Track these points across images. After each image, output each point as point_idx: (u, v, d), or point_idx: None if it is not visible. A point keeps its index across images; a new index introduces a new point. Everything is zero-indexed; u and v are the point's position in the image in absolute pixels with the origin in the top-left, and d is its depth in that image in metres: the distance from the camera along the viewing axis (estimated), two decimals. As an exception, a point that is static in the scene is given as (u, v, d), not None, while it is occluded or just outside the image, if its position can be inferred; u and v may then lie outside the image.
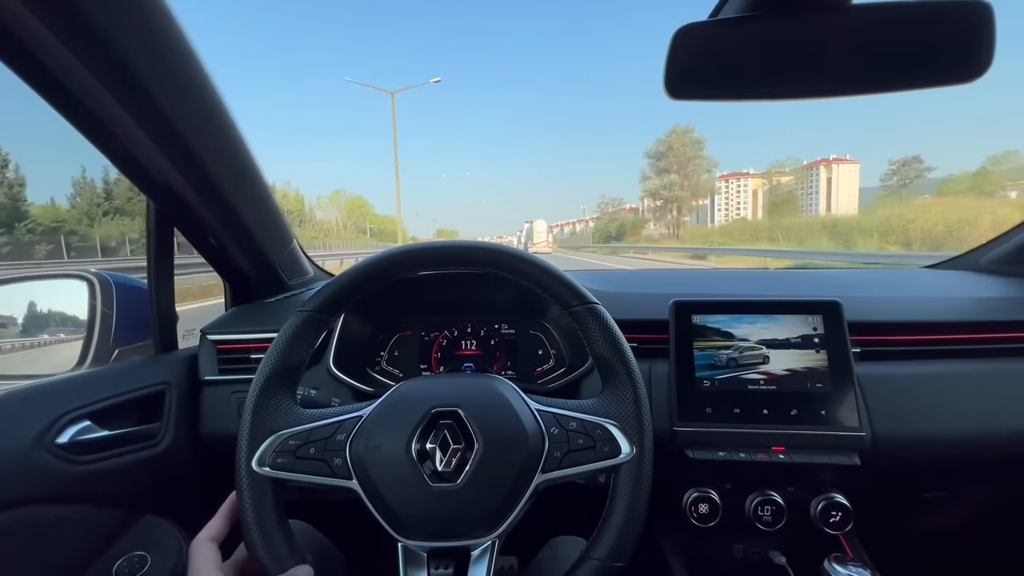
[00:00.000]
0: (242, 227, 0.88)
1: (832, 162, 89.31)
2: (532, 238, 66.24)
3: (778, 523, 0.77)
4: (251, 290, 1.05)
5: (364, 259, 0.64)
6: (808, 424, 0.76)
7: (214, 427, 0.89)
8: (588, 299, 0.61)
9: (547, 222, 76.41)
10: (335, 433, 0.56)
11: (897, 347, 0.87)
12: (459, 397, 0.57)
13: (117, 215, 25.92)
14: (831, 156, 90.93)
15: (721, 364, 0.80)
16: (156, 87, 0.61)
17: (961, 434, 0.78)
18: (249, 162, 0.82)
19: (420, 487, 0.52)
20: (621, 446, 0.55)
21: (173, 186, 0.77)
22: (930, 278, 1.17)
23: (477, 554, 0.54)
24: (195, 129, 0.70)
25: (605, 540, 0.54)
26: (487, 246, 0.64)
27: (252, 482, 0.54)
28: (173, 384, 0.86)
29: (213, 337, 0.94)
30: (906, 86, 0.59)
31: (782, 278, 1.19)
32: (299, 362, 0.61)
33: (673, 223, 64.99)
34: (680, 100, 0.62)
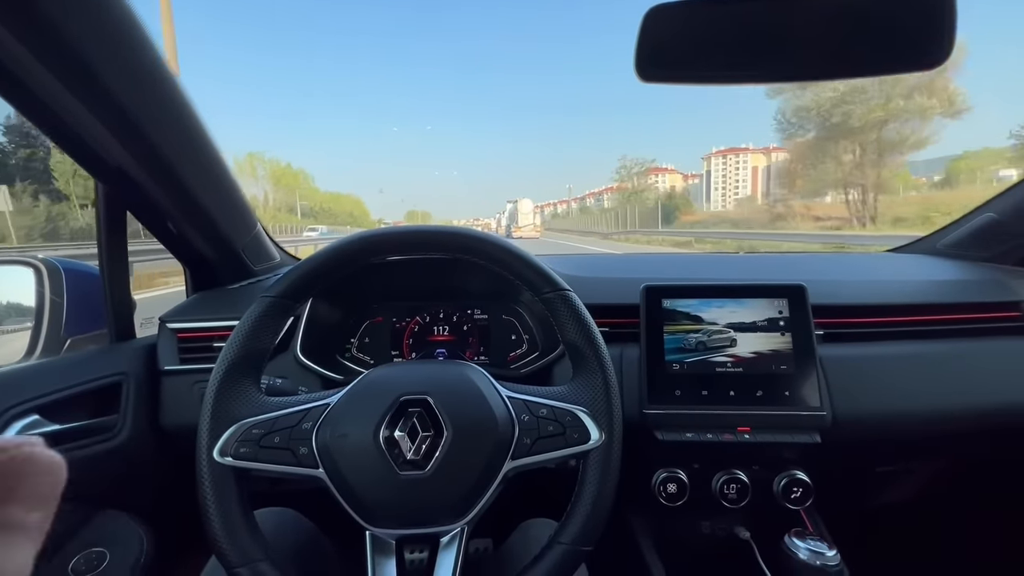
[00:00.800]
0: (201, 210, 0.84)
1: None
2: (516, 220, 51.37)
3: (743, 500, 0.80)
4: (213, 276, 1.01)
5: (330, 243, 0.62)
6: (773, 405, 0.78)
7: (176, 418, 0.86)
8: (559, 285, 0.61)
9: (533, 202, 61.26)
10: (301, 422, 0.55)
11: (857, 329, 0.90)
12: (428, 384, 0.56)
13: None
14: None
15: (690, 347, 0.81)
16: (102, 66, 0.57)
17: (916, 411, 0.82)
18: (206, 142, 0.78)
19: (388, 475, 0.52)
20: (591, 432, 0.55)
21: (123, 168, 0.72)
22: (890, 262, 1.21)
23: (446, 541, 0.54)
24: (146, 107, 0.65)
25: (573, 525, 0.54)
26: (457, 230, 0.63)
27: (213, 472, 0.53)
28: (131, 375, 0.83)
29: (173, 325, 0.90)
30: (871, 72, 0.60)
31: (750, 262, 1.21)
32: (263, 349, 0.59)
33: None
34: (651, 82, 0.61)
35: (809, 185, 30.86)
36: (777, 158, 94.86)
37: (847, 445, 0.81)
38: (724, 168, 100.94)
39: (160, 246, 0.93)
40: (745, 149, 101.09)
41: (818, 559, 0.58)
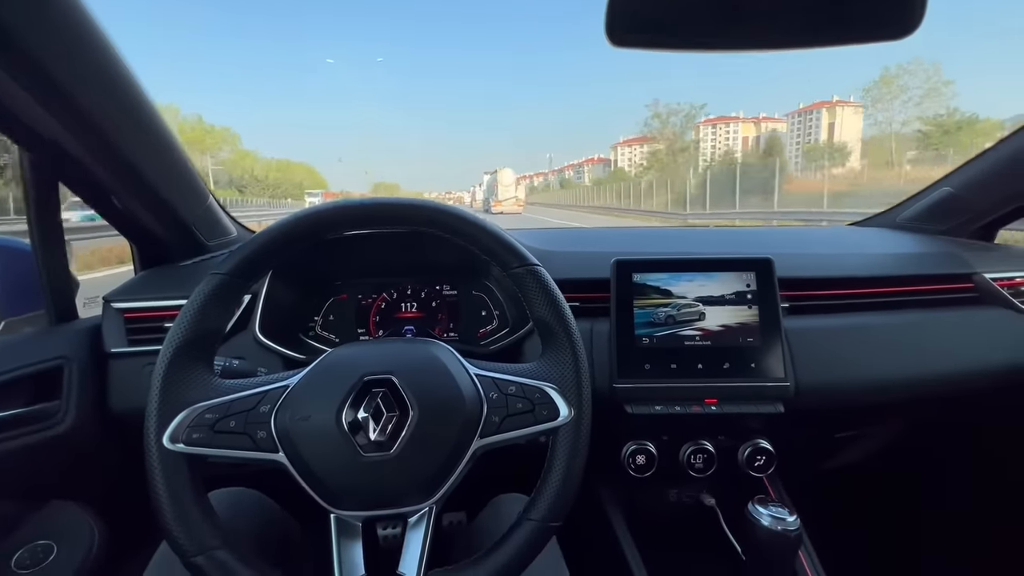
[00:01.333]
0: (144, 181, 0.78)
1: (835, 104, 75.20)
2: (495, 193, 42.67)
3: (709, 469, 0.82)
4: (164, 253, 0.95)
5: (285, 217, 0.58)
6: (739, 377, 0.79)
7: (126, 403, 0.81)
8: (528, 260, 0.59)
9: (515, 172, 50.27)
10: (258, 404, 0.52)
11: (820, 301, 0.92)
12: (393, 363, 0.54)
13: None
14: (834, 98, 76.94)
15: (660, 321, 0.81)
16: (14, 24, 0.50)
17: (874, 380, 0.85)
18: (144, 105, 0.72)
19: (352, 458, 0.50)
20: (560, 409, 0.55)
21: (51, 136, 0.66)
22: (852, 235, 1.24)
23: (414, 520, 0.53)
24: (72, 66, 0.59)
25: (542, 501, 0.54)
26: (421, 203, 0.60)
27: (164, 460, 0.50)
28: (73, 358, 0.77)
29: (119, 305, 0.84)
30: (844, 41, 0.58)
31: (718, 236, 1.22)
32: (214, 330, 0.55)
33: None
34: (622, 48, 0.59)
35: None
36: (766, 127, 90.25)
37: (808, 414, 0.83)
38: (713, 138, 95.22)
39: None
40: (736, 118, 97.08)
41: (779, 524, 0.61)
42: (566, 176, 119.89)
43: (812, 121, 78.13)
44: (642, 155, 49.70)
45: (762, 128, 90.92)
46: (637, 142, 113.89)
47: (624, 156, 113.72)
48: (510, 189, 39.77)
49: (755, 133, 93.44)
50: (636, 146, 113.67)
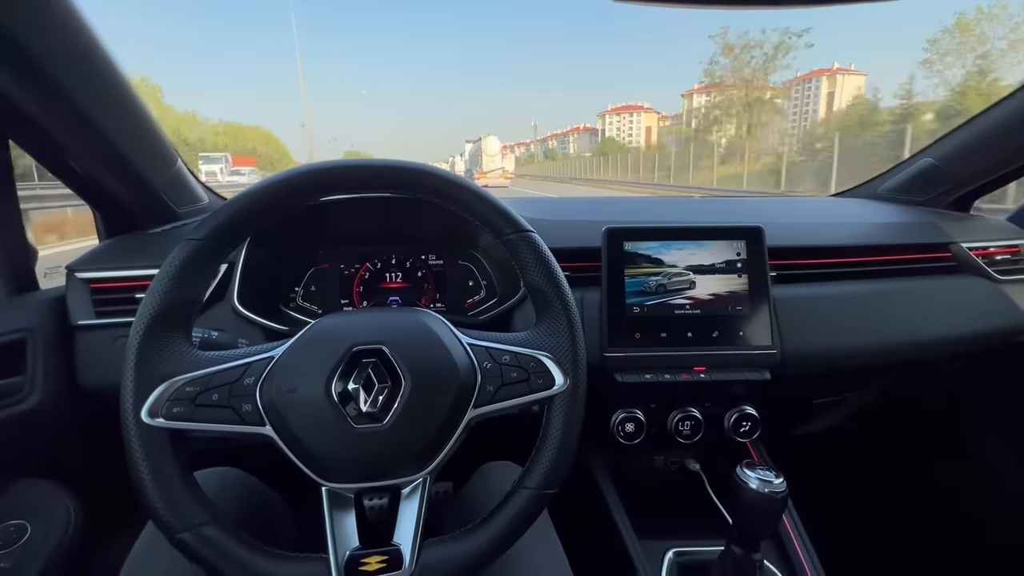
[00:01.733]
0: (106, 142, 0.73)
1: (836, 72, 69.23)
2: (479, 164, 37.02)
3: (696, 436, 0.83)
4: (130, 221, 0.90)
5: (263, 180, 0.55)
6: (727, 345, 0.80)
7: (97, 379, 0.77)
8: (522, 226, 0.57)
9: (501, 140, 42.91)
10: (242, 377, 0.50)
11: (806, 270, 0.92)
12: (383, 333, 0.52)
13: None
14: (834, 65, 70.32)
15: (650, 290, 0.81)
16: None
17: (856, 346, 0.87)
18: (104, 58, 0.66)
19: (343, 430, 0.48)
20: (555, 378, 0.54)
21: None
22: (835, 206, 1.25)
23: (408, 491, 0.52)
24: (24, 14, 0.53)
25: (538, 470, 0.54)
26: (412, 166, 0.57)
27: (143, 435, 0.47)
28: (36, 331, 0.73)
29: (84, 275, 0.79)
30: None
31: (708, 206, 1.22)
32: (191, 299, 0.52)
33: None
34: (621, 3, 0.56)
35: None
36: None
37: (792, 380, 0.85)
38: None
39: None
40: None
41: (767, 487, 0.62)
42: (550, 146, 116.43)
43: (810, 91, 72.06)
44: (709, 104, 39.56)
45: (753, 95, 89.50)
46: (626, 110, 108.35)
47: (612, 125, 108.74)
48: (495, 159, 35.22)
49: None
50: (624, 115, 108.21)
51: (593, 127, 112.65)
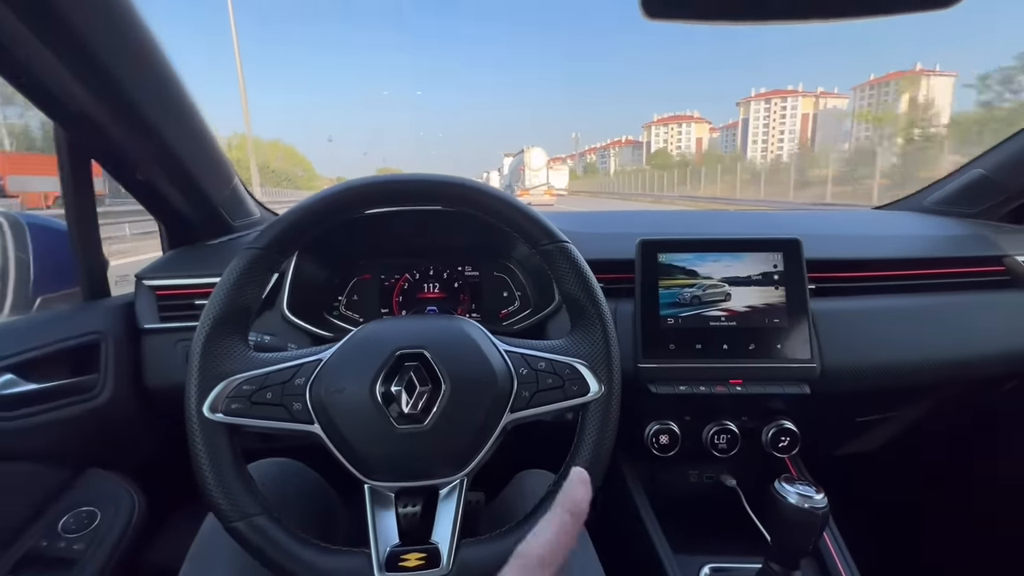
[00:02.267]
0: (175, 161, 0.79)
1: (919, 74, 60.87)
2: (521, 179, 33.87)
3: (732, 450, 0.82)
4: (191, 232, 0.97)
5: (315, 194, 0.59)
6: (764, 357, 0.79)
7: (160, 378, 0.83)
8: (559, 237, 0.59)
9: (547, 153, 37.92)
10: (293, 377, 0.53)
11: (847, 283, 0.91)
12: (425, 339, 0.55)
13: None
14: (917, 66, 62.92)
15: (685, 302, 0.81)
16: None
17: (900, 362, 0.84)
18: (176, 87, 0.73)
19: (386, 429, 0.51)
20: (590, 385, 0.55)
21: (86, 112, 0.67)
22: (879, 218, 1.22)
23: (445, 492, 0.54)
24: (109, 44, 0.59)
25: None
26: (452, 180, 0.60)
27: (204, 429, 0.51)
28: (108, 333, 0.79)
29: (151, 283, 0.86)
30: (885, 11, 0.57)
31: (743, 219, 1.21)
32: (249, 304, 0.56)
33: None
34: (656, 20, 0.58)
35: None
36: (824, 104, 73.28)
37: (833, 395, 0.83)
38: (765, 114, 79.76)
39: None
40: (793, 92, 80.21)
41: (806, 502, 0.60)
42: (589, 160, 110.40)
43: (887, 94, 64.26)
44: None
45: (820, 105, 77.14)
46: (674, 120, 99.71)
47: (659, 137, 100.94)
48: (540, 174, 31.26)
49: (814, 110, 79.60)
50: (672, 125, 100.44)
51: (636, 139, 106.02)
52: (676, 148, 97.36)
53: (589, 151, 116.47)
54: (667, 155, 76.80)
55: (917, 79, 60.99)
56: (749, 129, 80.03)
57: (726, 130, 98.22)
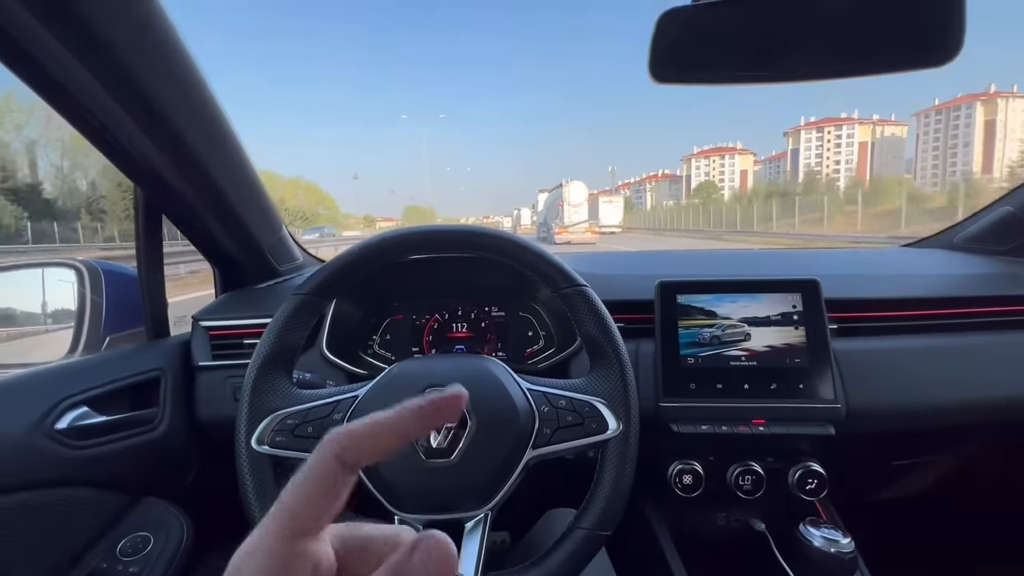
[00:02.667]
0: (231, 212, 0.88)
1: (992, 96, 55.93)
2: (561, 216, 30.80)
3: (758, 491, 0.81)
4: (241, 276, 1.06)
5: (356, 243, 0.65)
6: (787, 397, 0.79)
7: (210, 412, 0.90)
8: (577, 281, 0.63)
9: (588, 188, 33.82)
10: (332, 412, 0.58)
11: (872, 323, 0.90)
12: (452, 376, 0.59)
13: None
14: (991, 88, 57.53)
15: (705, 341, 0.83)
16: (138, 68, 0.60)
17: (931, 404, 0.83)
18: (234, 144, 0.82)
19: (415, 463, 0.55)
20: (608, 423, 0.58)
21: (159, 170, 0.76)
22: (906, 256, 1.21)
23: (471, 527, 0.56)
24: (178, 109, 0.69)
25: (592, 511, 0.57)
26: (480, 230, 0.65)
27: (251, 460, 0.56)
28: (168, 370, 0.87)
29: (205, 323, 0.94)
30: (883, 70, 0.61)
31: (764, 258, 1.22)
32: (295, 344, 0.62)
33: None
34: (664, 84, 0.63)
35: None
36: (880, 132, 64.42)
37: (862, 437, 0.82)
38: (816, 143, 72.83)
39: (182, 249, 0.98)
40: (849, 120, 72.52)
41: (832, 546, 0.60)
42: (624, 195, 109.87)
43: (957, 119, 57.43)
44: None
45: (878, 133, 71.77)
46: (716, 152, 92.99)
47: (700, 169, 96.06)
48: (580, 210, 28.94)
49: (871, 138, 73.60)
50: (714, 157, 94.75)
51: (673, 173, 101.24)
52: (719, 181, 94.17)
53: (623, 186, 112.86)
54: (713, 187, 72.13)
55: (993, 102, 56.21)
56: (800, 159, 73.71)
57: (770, 162, 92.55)
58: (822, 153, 74.41)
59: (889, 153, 59.29)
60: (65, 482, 0.71)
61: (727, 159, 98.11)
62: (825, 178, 64.58)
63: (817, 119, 74.55)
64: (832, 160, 72.75)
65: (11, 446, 0.66)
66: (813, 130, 75.71)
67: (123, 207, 19.91)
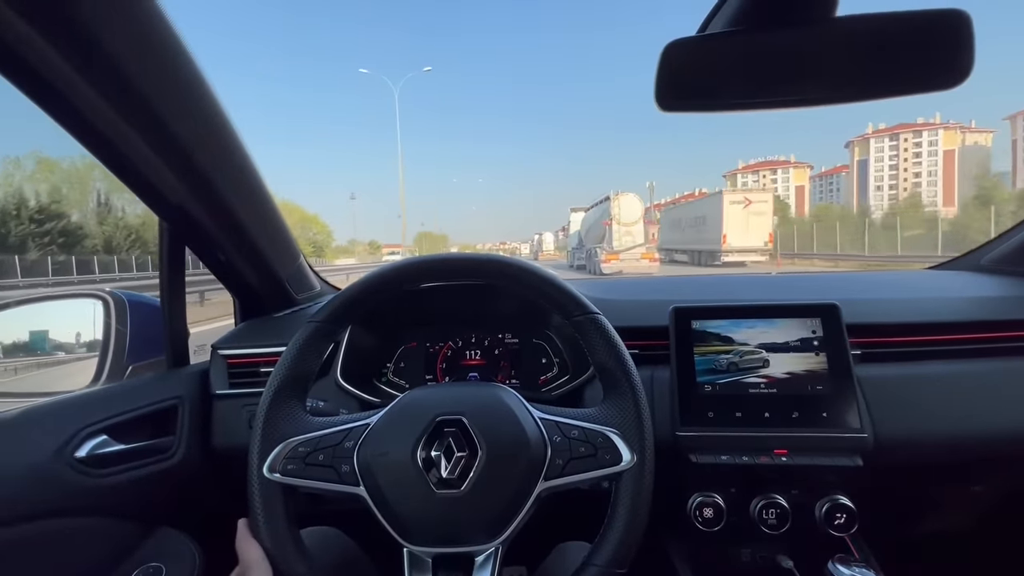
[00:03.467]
0: (251, 243, 0.91)
1: None
2: (608, 238, 20.42)
3: (783, 526, 0.78)
4: (260, 305, 1.08)
5: (370, 272, 0.66)
6: (809, 426, 0.77)
7: (226, 440, 0.91)
8: (589, 309, 0.63)
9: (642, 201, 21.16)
10: (343, 440, 0.58)
11: (898, 348, 0.87)
12: (463, 405, 0.58)
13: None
14: None
15: (722, 368, 0.81)
16: (164, 106, 0.63)
17: (966, 434, 0.79)
18: (255, 178, 0.85)
19: (425, 493, 0.54)
20: (622, 454, 0.56)
21: (183, 204, 0.79)
22: (931, 279, 1.18)
23: (481, 560, 0.55)
24: (206, 149, 0.72)
25: (607, 547, 0.55)
26: (491, 257, 0.66)
27: (263, 488, 0.56)
28: (186, 398, 0.88)
29: (224, 352, 0.96)
30: (891, 93, 0.61)
31: (781, 282, 1.20)
32: (309, 372, 0.63)
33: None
34: (671, 112, 0.64)
35: None
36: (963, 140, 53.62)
37: (892, 469, 0.78)
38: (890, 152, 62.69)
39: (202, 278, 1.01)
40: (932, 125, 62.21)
41: None
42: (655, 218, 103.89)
43: None
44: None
45: (963, 140, 63.17)
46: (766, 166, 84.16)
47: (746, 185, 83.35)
48: (636, 231, 20.94)
49: (957, 146, 65.19)
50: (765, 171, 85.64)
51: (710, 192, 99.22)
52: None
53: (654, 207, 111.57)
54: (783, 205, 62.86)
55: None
56: (870, 172, 64.53)
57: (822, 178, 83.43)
58: (898, 164, 64.75)
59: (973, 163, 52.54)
60: (82, 511, 0.71)
61: (780, 173, 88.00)
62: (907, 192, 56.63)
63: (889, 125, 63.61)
64: (912, 172, 63.73)
65: (33, 474, 0.67)
66: (886, 138, 65.56)
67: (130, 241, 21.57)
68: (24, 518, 0.66)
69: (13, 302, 1.05)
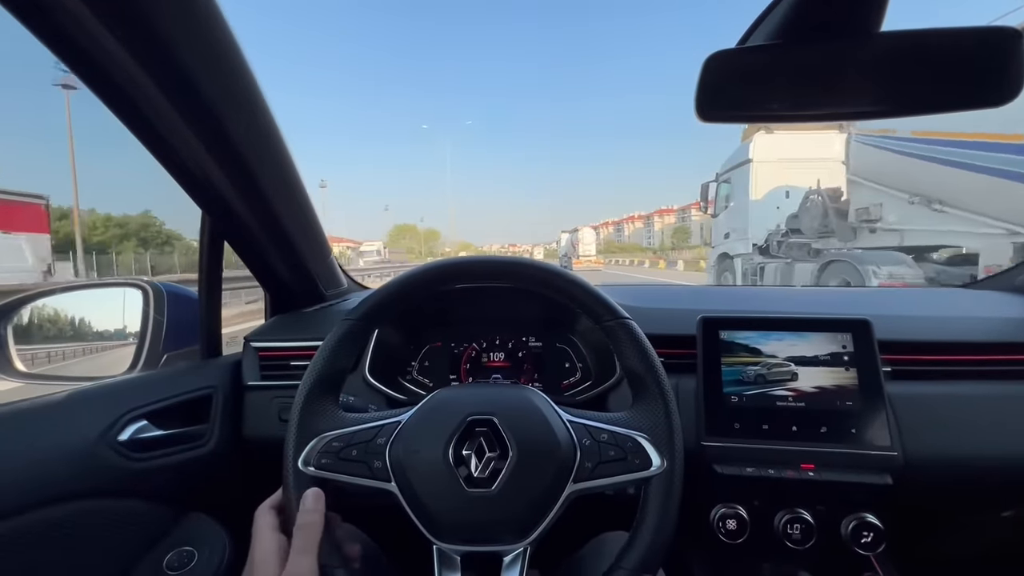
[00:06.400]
0: (286, 238, 0.93)
1: None
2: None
3: (807, 542, 0.77)
4: (291, 300, 1.11)
5: (403, 272, 0.68)
6: (838, 442, 0.76)
7: (256, 430, 0.93)
8: (620, 314, 0.63)
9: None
10: (376, 437, 0.59)
11: (930, 367, 0.86)
12: (494, 406, 0.59)
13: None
14: None
15: (749, 380, 0.81)
16: (214, 98, 0.66)
17: (1000, 455, 0.77)
18: (293, 172, 0.87)
19: (456, 492, 0.55)
20: (652, 459, 0.56)
21: (225, 197, 0.82)
22: (964, 298, 1.15)
23: (509, 560, 0.56)
24: (254, 148, 0.74)
25: (635, 551, 0.55)
26: (525, 261, 0.67)
27: (298, 481, 0.57)
28: (219, 388, 0.91)
29: (256, 344, 0.99)
30: (934, 109, 0.60)
31: (811, 296, 1.19)
32: (343, 368, 0.64)
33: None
34: (710, 123, 0.65)
35: None
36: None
37: (922, 488, 0.77)
38: None
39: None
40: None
41: None
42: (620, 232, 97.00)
43: None
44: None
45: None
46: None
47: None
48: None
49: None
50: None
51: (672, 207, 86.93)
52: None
53: (604, 224, 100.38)
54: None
55: None
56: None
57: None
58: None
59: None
60: (121, 493, 0.74)
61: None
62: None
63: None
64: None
65: (80, 454, 0.70)
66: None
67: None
68: (71, 496, 0.69)
69: (59, 288, 1.09)
